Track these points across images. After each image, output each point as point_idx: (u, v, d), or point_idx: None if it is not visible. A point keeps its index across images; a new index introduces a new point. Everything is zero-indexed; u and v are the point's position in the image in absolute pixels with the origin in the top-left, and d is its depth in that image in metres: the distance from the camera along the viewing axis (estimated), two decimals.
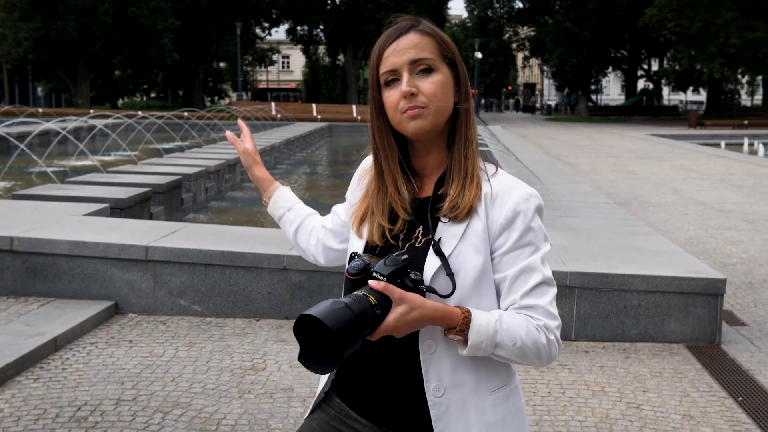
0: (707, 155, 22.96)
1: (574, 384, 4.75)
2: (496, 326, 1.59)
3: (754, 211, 11.89)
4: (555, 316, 1.65)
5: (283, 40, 75.93)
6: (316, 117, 40.31)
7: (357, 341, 1.46)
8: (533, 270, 1.65)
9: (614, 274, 5.53)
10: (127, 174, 10.05)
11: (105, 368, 4.66)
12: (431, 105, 1.65)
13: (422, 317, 1.55)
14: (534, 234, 1.66)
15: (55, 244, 5.77)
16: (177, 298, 5.74)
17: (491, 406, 1.69)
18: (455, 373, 1.66)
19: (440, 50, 1.68)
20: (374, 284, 1.53)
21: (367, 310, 1.48)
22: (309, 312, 1.43)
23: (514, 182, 1.71)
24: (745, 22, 44.16)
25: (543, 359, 1.65)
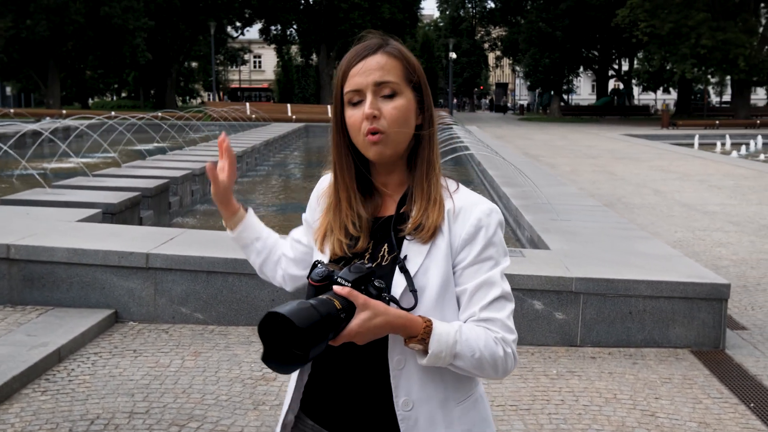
0: (683, 156, 23.18)
1: (585, 391, 4.74)
2: (456, 336, 1.60)
3: (738, 212, 12.00)
4: (512, 330, 1.68)
5: (255, 40, 75.66)
6: (291, 117, 40.19)
7: (322, 342, 1.47)
8: (493, 284, 1.67)
9: (619, 280, 5.53)
10: (114, 178, 9.92)
11: (112, 379, 4.57)
12: (391, 131, 1.66)
13: (385, 324, 1.56)
14: (494, 249, 1.69)
15: (53, 251, 5.66)
16: (178, 306, 5.66)
17: (458, 417, 1.71)
18: (424, 388, 1.68)
19: (405, 74, 1.69)
20: (339, 289, 1.54)
21: (332, 312, 1.49)
22: (276, 310, 1.43)
23: (476, 198, 1.74)
24: (715, 24, 44.67)
25: (499, 371, 1.67)
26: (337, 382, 1.73)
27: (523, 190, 10.61)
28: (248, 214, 2.06)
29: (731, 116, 51.02)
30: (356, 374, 1.71)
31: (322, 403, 1.77)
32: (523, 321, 5.52)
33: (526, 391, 4.72)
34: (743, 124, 44.63)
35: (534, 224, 7.76)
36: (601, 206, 9.87)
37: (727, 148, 30.82)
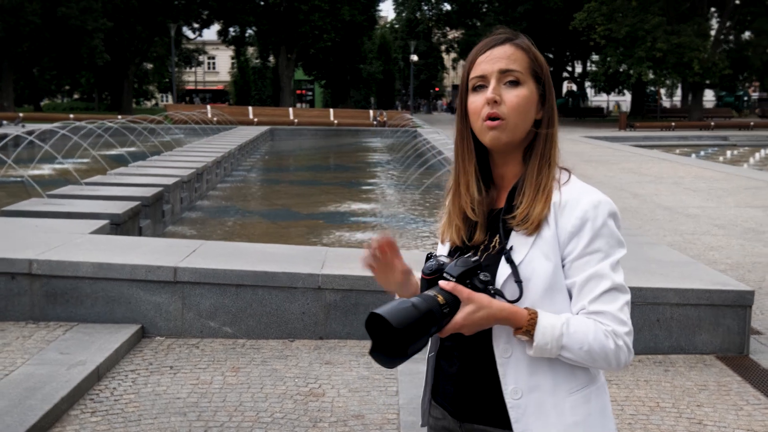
0: (650, 158, 23.54)
1: (627, 400, 4.79)
2: (562, 329, 1.64)
3: (720, 215, 12.22)
4: (624, 322, 1.69)
5: (209, 41, 74.98)
6: (253, 120, 39.98)
7: (421, 338, 1.54)
8: (602, 276, 1.68)
9: (648, 288, 5.60)
10: (106, 186, 9.76)
11: (158, 398, 4.50)
12: (510, 119, 1.70)
13: (488, 316, 1.62)
14: (603, 240, 1.69)
15: (77, 266, 5.56)
16: (206, 320, 5.60)
17: (570, 407, 1.72)
18: (532, 376, 1.71)
19: (531, 66, 1.74)
20: (444, 284, 1.61)
21: (434, 308, 1.56)
22: (376, 310, 1.51)
23: (584, 189, 1.76)
24: (670, 27, 45.50)
25: (612, 364, 1.68)
26: (454, 370, 1.79)
27: None
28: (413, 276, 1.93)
29: (684, 117, 52.01)
30: (468, 363, 1.76)
31: (437, 379, 1.85)
32: None
33: None
34: (697, 125, 45.54)
35: None
36: None
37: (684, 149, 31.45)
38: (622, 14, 45.47)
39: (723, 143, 35.39)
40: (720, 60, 46.52)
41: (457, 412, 1.80)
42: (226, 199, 13.75)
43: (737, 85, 61.63)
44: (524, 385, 1.70)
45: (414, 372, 4.94)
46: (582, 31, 49.14)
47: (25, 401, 4.14)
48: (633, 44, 45.58)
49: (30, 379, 4.46)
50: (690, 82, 48.72)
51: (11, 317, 5.59)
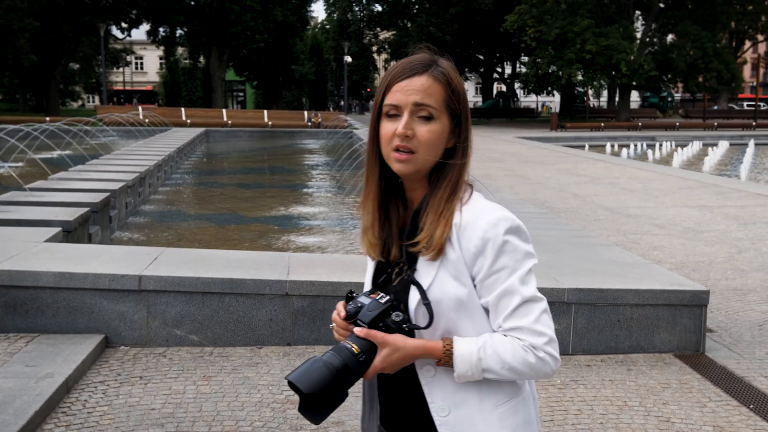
0: (585, 159, 24.03)
1: (596, 400, 4.90)
2: (479, 354, 1.68)
3: (658, 215, 12.56)
4: (541, 333, 1.70)
5: (137, 41, 73.66)
6: (186, 122, 39.47)
7: (338, 395, 1.62)
8: (512, 293, 1.70)
9: (609, 290, 5.75)
10: (51, 192, 9.53)
11: (132, 409, 4.43)
12: (420, 153, 1.72)
13: (405, 356, 1.68)
14: (507, 257, 1.71)
15: (38, 276, 5.43)
16: (172, 328, 5.53)
17: (498, 420, 1.75)
18: (458, 393, 1.74)
19: (446, 100, 1.74)
20: (358, 331, 1.68)
21: (348, 361, 1.63)
22: (289, 377, 1.60)
23: (484, 209, 1.76)
24: (598, 30, 46.53)
25: (539, 374, 1.72)
26: (386, 393, 1.84)
27: None
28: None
29: (612, 118, 53.22)
30: (397, 386, 1.81)
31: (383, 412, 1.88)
32: None
33: (540, 402, 4.84)
34: (626, 126, 46.70)
35: None
36: (546, 212, 10.17)
37: (615, 149, 32.18)
38: (552, 16, 46.32)
39: (651, 143, 36.32)
40: (646, 62, 47.77)
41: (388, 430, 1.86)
42: (170, 203, 13.56)
43: (661, 87, 63.33)
44: (451, 402, 1.74)
45: None
46: (513, 33, 49.89)
47: None
48: (563, 46, 46.49)
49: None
50: (618, 83, 49.89)
51: None
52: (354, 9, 78.91)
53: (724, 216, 12.43)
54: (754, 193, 15.41)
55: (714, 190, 15.85)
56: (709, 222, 11.86)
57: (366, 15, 76.72)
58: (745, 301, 7.38)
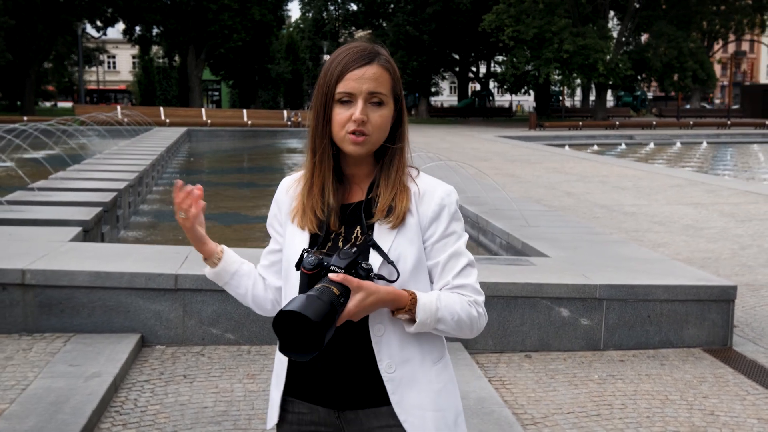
0: (570, 157, 24.21)
1: (637, 394, 4.97)
2: (437, 304, 1.86)
3: (655, 212, 12.70)
4: (480, 291, 1.96)
5: (109, 39, 72.97)
6: (165, 121, 39.18)
7: (332, 327, 1.70)
8: (460, 254, 1.95)
9: (639, 285, 5.82)
10: (58, 191, 9.44)
11: (185, 408, 4.43)
12: (373, 135, 1.89)
13: (377, 301, 1.81)
14: (457, 224, 1.96)
15: (73, 275, 5.39)
16: (208, 327, 5.52)
17: (435, 375, 1.95)
18: (403, 351, 1.91)
19: (392, 87, 1.93)
20: (334, 277, 1.76)
21: (333, 300, 1.71)
22: (289, 308, 1.65)
23: (436, 181, 1.98)
24: (575, 30, 46.87)
25: (474, 329, 1.95)
26: (325, 357, 1.88)
27: (467, 196, 10.85)
28: (225, 249, 2.16)
29: (587, 117, 53.64)
30: (341, 347, 1.89)
31: (303, 378, 1.96)
32: (551, 328, 5.73)
33: (583, 397, 4.90)
34: (603, 125, 47.05)
35: (511, 231, 7.99)
36: (552, 210, 10.24)
37: (595, 148, 32.44)
38: (530, 16, 46.57)
39: (630, 142, 36.65)
40: (622, 61, 48.19)
41: (335, 402, 1.93)
42: (167, 203, 13.45)
43: (636, 86, 63.93)
44: (397, 359, 1.90)
45: None
46: (491, 33, 50.09)
47: (56, 416, 4.02)
48: (540, 45, 46.77)
49: (50, 393, 4.32)
50: (594, 82, 50.29)
51: (3, 329, 5.39)
52: (329, 8, 78.90)
53: (719, 213, 12.59)
54: (744, 190, 15.63)
55: (704, 188, 16.04)
56: (707, 219, 12.02)
57: (341, 14, 76.67)
58: (758, 296, 7.50)
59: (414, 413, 1.91)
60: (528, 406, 4.74)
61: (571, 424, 4.46)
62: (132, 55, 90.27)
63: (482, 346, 5.70)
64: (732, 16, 56.98)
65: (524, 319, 5.71)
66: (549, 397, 4.88)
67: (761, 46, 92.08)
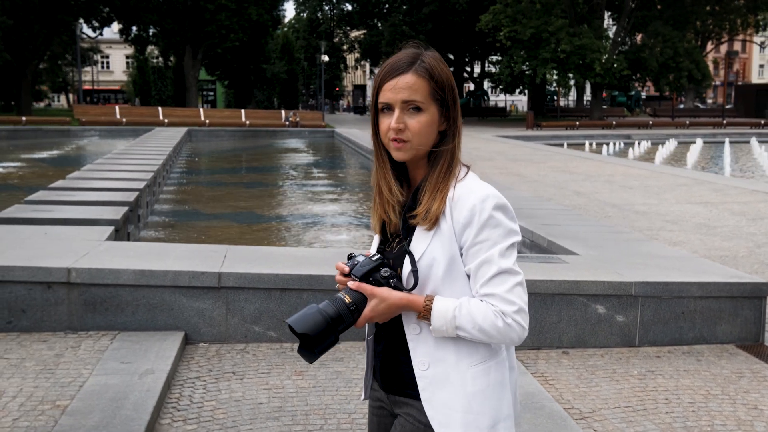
0: (573, 157, 24.30)
1: (678, 389, 5.04)
2: (454, 312, 1.90)
3: (666, 212, 12.79)
4: (512, 302, 1.92)
5: (103, 39, 72.79)
6: (163, 121, 39.18)
7: (328, 339, 1.89)
8: (490, 263, 1.92)
9: (674, 282, 5.90)
10: (80, 191, 9.48)
11: (241, 404, 4.48)
12: (413, 141, 1.94)
13: (390, 306, 1.92)
14: (490, 230, 1.93)
15: (118, 274, 5.44)
16: (251, 324, 5.58)
17: (471, 378, 1.97)
18: (438, 351, 1.97)
19: (431, 92, 1.95)
20: (351, 284, 1.94)
21: (341, 310, 1.90)
22: (288, 320, 1.89)
23: (476, 186, 1.99)
24: (572, 30, 46.99)
25: (506, 339, 1.93)
26: (380, 348, 2.09)
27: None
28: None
29: (582, 117, 53.79)
30: (389, 342, 2.06)
31: (376, 365, 2.14)
32: (587, 325, 5.80)
33: (627, 392, 4.98)
34: (600, 125, 47.20)
35: (535, 230, 8.06)
36: (569, 209, 10.32)
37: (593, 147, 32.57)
38: (527, 16, 46.66)
39: (628, 141, 36.80)
40: (618, 61, 48.35)
41: (385, 384, 2.10)
42: (180, 202, 13.52)
43: (631, 86, 64.12)
44: (431, 358, 1.96)
45: None
46: (487, 33, 50.17)
47: (118, 412, 4.07)
48: (537, 45, 46.87)
49: (108, 390, 4.37)
50: (591, 82, 50.43)
51: (48, 327, 5.44)
52: (324, 8, 78.94)
53: (729, 212, 12.69)
54: (751, 189, 15.74)
55: (710, 187, 16.15)
56: (718, 218, 12.11)
57: (336, 14, 76.72)
58: None
59: (442, 411, 1.96)
60: (574, 401, 4.81)
61: (619, 419, 4.53)
62: (126, 55, 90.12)
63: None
64: (726, 16, 57.21)
65: (561, 316, 5.79)
66: (593, 393, 4.95)
67: (753, 45, 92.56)
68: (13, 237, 6.41)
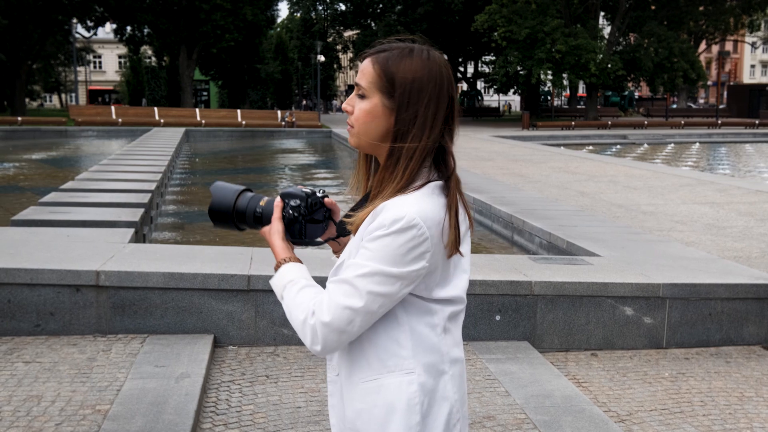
0: (574, 157, 24.32)
1: (712, 391, 5.05)
2: (287, 284, 1.84)
3: (674, 212, 12.80)
4: (330, 311, 1.72)
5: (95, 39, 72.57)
6: (159, 121, 39.07)
7: (227, 222, 1.98)
8: (348, 267, 1.74)
9: (701, 284, 5.90)
10: (93, 192, 9.44)
11: (279, 408, 4.46)
12: (356, 127, 1.84)
13: (268, 238, 1.94)
14: (378, 246, 1.71)
15: (147, 276, 5.41)
16: (280, 327, 5.55)
17: (360, 394, 1.82)
18: (344, 359, 1.86)
19: (378, 81, 1.79)
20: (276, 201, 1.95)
21: (249, 208, 1.96)
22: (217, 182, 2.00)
23: (407, 201, 1.74)
24: (568, 30, 47.08)
25: (303, 336, 1.78)
26: None
27: (493, 196, 10.93)
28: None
29: (577, 117, 53.88)
30: None
31: None
32: (615, 327, 5.80)
33: (661, 394, 4.98)
34: (595, 125, 47.27)
35: (553, 231, 8.06)
36: (581, 210, 10.32)
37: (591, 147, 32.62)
38: (522, 17, 46.72)
39: (624, 141, 36.88)
40: (613, 61, 48.44)
41: None
42: (187, 203, 13.47)
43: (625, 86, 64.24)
44: (335, 366, 1.89)
45: (509, 372, 5.07)
46: (482, 33, 50.22)
47: (160, 416, 4.04)
48: (533, 46, 46.93)
49: (146, 394, 4.35)
50: (586, 83, 50.53)
51: (76, 331, 5.40)
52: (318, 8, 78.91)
53: (736, 212, 12.71)
54: (755, 190, 15.78)
55: (714, 188, 16.18)
56: (726, 218, 12.13)
57: (330, 14, 76.67)
58: None
59: (332, 422, 1.93)
60: (610, 403, 4.81)
61: (657, 422, 4.53)
62: (118, 55, 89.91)
63: (548, 344, 5.77)
64: (720, 16, 57.40)
65: (589, 318, 5.78)
66: (627, 395, 4.95)
67: (744, 46, 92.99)
68: (36, 240, 6.37)
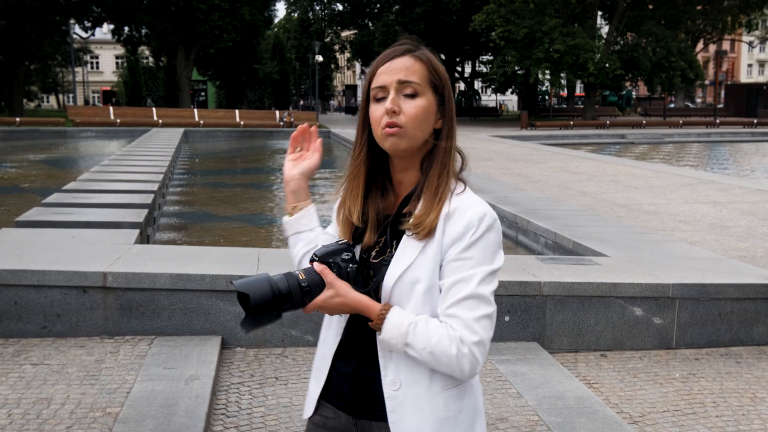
0: (573, 157, 24.30)
1: (724, 392, 5.02)
2: (408, 328, 1.72)
3: (676, 212, 12.78)
4: (476, 331, 1.72)
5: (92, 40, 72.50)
6: (157, 122, 39.02)
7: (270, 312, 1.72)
8: (467, 283, 1.73)
9: (711, 284, 5.87)
10: (95, 193, 9.40)
11: (290, 410, 4.42)
12: (408, 128, 1.77)
13: (344, 304, 1.76)
14: (478, 250, 1.74)
15: (155, 278, 5.37)
16: (288, 329, 5.52)
17: (443, 403, 1.78)
18: (412, 371, 1.78)
19: (429, 77, 1.80)
20: (317, 267, 1.77)
21: (292, 287, 1.73)
22: (235, 282, 1.71)
23: (474, 200, 1.80)
24: (566, 29, 47.07)
25: (455, 370, 1.73)
26: (350, 369, 1.87)
27: (496, 196, 10.90)
28: (312, 204, 2.07)
29: (575, 116, 53.87)
30: (362, 361, 1.85)
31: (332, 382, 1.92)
32: (625, 327, 5.77)
33: (672, 395, 4.94)
34: (594, 124, 47.27)
35: (558, 231, 8.03)
36: (585, 210, 10.29)
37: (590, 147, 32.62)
38: (520, 16, 46.70)
39: (623, 141, 36.88)
40: (611, 61, 48.43)
41: (354, 409, 1.87)
42: (188, 204, 13.42)
43: (622, 85, 64.28)
44: (403, 378, 1.78)
45: (520, 373, 5.03)
46: (480, 33, 50.19)
47: (171, 419, 4.00)
48: (531, 45, 46.91)
49: (156, 396, 4.31)
50: (584, 82, 50.52)
51: (83, 332, 5.36)
52: (315, 8, 78.82)
53: (739, 212, 12.69)
54: (756, 189, 15.77)
55: (715, 187, 16.17)
56: (729, 218, 12.11)
57: (327, 14, 76.61)
58: None
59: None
60: (622, 405, 4.77)
61: (671, 423, 4.50)
62: (115, 55, 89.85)
63: (558, 345, 5.74)
64: (718, 15, 57.43)
65: (598, 318, 5.75)
66: (639, 396, 4.91)
67: (741, 45, 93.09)
68: (41, 241, 6.33)
